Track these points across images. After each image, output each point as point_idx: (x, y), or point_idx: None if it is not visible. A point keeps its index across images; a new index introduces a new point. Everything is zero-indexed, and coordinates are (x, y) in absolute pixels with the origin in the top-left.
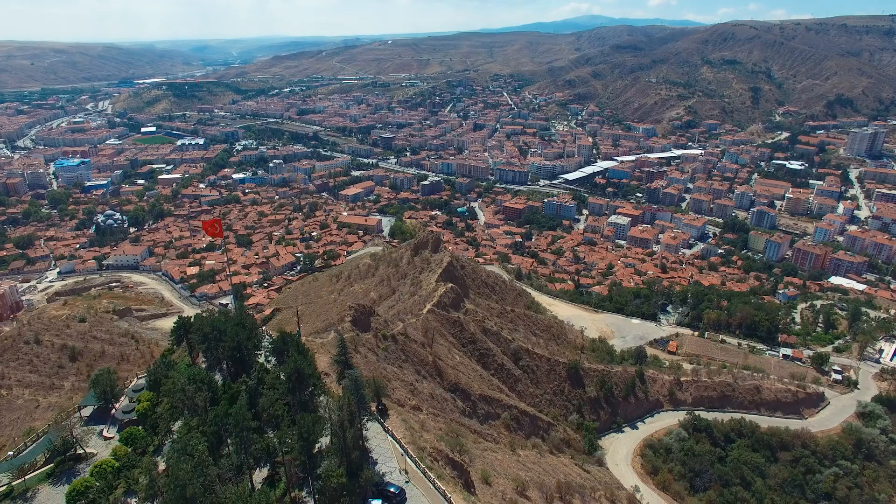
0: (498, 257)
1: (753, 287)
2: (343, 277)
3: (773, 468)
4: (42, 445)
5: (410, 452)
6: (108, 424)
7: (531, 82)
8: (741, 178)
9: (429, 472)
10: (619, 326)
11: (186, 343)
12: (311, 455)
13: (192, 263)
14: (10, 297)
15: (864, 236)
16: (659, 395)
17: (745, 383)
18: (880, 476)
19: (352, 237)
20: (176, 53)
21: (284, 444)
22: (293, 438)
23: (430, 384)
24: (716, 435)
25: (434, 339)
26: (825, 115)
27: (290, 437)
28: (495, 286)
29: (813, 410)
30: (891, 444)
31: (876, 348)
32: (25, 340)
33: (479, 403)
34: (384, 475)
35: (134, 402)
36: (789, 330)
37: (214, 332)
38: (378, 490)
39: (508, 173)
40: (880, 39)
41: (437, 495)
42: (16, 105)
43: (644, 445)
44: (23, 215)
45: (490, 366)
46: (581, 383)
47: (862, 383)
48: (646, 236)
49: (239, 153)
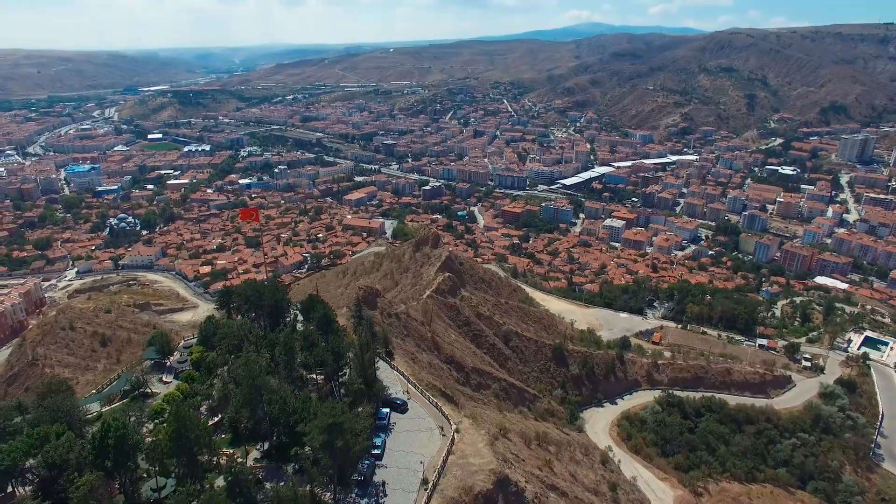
0: (496, 258)
1: (739, 285)
2: (349, 273)
3: (737, 438)
4: (119, 385)
5: (412, 380)
6: (165, 373)
7: (531, 90)
8: (735, 183)
9: (426, 392)
10: (607, 320)
11: (226, 310)
12: (339, 367)
13: (205, 263)
14: (35, 293)
15: (851, 238)
16: (637, 375)
17: (717, 366)
18: (834, 447)
19: (356, 238)
20: (179, 61)
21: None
22: (327, 353)
23: (428, 356)
24: (687, 410)
25: (432, 320)
26: (819, 121)
27: (325, 353)
28: (491, 282)
29: (779, 391)
30: (847, 419)
31: (845, 339)
32: (62, 327)
33: (472, 375)
34: (391, 394)
35: (186, 355)
36: (767, 323)
37: (255, 294)
38: (387, 402)
39: (507, 179)
40: (875, 47)
41: (432, 407)
42: (24, 113)
43: (621, 417)
44: (39, 219)
45: (482, 345)
46: (565, 363)
47: (828, 369)
48: (639, 238)
49: (244, 159)
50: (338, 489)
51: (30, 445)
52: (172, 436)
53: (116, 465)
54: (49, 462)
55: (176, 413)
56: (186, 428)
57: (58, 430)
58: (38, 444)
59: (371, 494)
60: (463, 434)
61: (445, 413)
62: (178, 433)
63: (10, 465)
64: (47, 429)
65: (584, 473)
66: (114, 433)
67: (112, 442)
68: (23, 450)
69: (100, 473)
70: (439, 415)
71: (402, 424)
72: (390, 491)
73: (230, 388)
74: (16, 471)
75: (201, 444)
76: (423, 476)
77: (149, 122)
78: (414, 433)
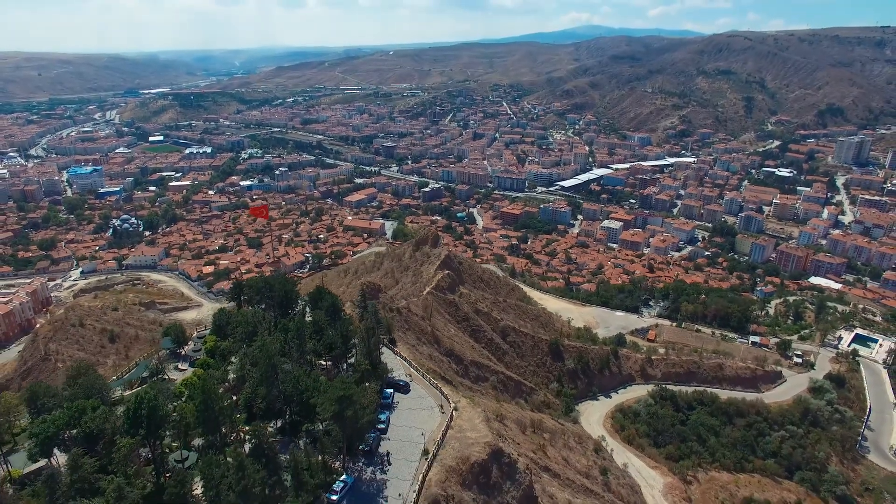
0: (494, 258)
1: (734, 285)
2: (350, 272)
3: (728, 430)
4: (138, 371)
5: (413, 364)
6: (180, 361)
7: (530, 92)
8: (732, 185)
9: (426, 375)
10: (603, 318)
11: (237, 303)
12: (347, 350)
13: (208, 263)
14: (42, 293)
15: (846, 239)
16: (631, 370)
17: (709, 361)
18: (822, 439)
19: (357, 239)
20: (179, 63)
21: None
22: (336, 337)
23: (428, 348)
24: (679, 403)
25: (432, 315)
26: (816, 124)
27: (334, 336)
28: (490, 281)
29: (770, 386)
30: (835, 413)
31: (836, 336)
32: (72, 324)
33: (471, 367)
34: (394, 376)
35: (200, 344)
36: (760, 321)
37: (266, 286)
38: (391, 383)
39: (507, 180)
40: (871, 50)
41: (432, 388)
42: (25, 115)
43: (615, 410)
44: (42, 220)
45: (481, 339)
46: (561, 357)
47: (819, 365)
48: (636, 239)
49: (245, 161)
50: (346, 458)
51: (70, 416)
52: (200, 407)
53: (149, 434)
54: (87, 431)
55: (203, 386)
56: (212, 400)
57: (93, 405)
58: (76, 415)
59: (377, 463)
60: (461, 412)
61: (445, 393)
62: (205, 404)
63: (54, 433)
64: (84, 403)
65: (576, 459)
66: (147, 404)
67: (145, 412)
68: (64, 420)
69: (137, 438)
70: (439, 395)
71: (405, 403)
72: (394, 460)
73: (247, 369)
74: (58, 438)
75: (224, 416)
76: (423, 448)
77: (150, 125)
78: (415, 411)
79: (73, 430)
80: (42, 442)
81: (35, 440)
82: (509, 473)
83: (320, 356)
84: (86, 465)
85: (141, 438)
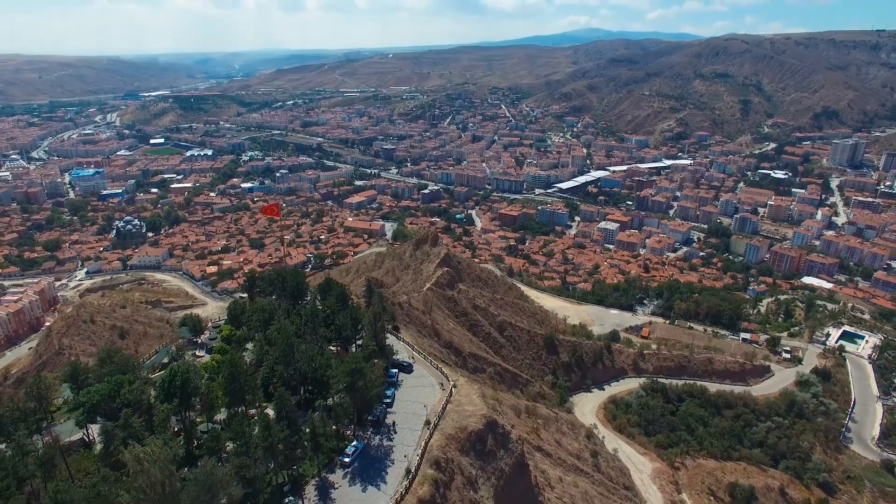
0: (492, 258)
1: (727, 284)
2: (352, 271)
3: (716, 420)
4: (159, 357)
5: (416, 348)
6: (198, 349)
7: (529, 95)
8: (727, 187)
9: (428, 357)
10: (598, 316)
11: (249, 296)
12: (356, 332)
13: (211, 263)
14: (49, 292)
15: (838, 240)
16: (624, 364)
17: (700, 356)
18: (807, 430)
19: (357, 240)
20: (179, 66)
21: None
22: (346, 320)
23: (428, 341)
24: (670, 395)
25: (432, 309)
26: (812, 126)
27: (344, 319)
28: (488, 280)
29: (758, 380)
30: (820, 405)
31: (823, 333)
32: (83, 320)
33: (469, 359)
34: (399, 358)
35: (216, 333)
36: (751, 319)
37: (279, 278)
38: (395, 364)
39: (505, 182)
40: (867, 54)
41: (433, 369)
42: (26, 118)
43: (608, 401)
44: (46, 221)
45: (479, 333)
46: (556, 351)
47: (806, 360)
48: (633, 240)
49: (246, 164)
50: (356, 428)
51: (111, 389)
52: (228, 378)
53: (182, 403)
54: (125, 402)
55: (230, 360)
56: (238, 372)
57: (129, 379)
58: (116, 388)
59: (384, 432)
60: (459, 388)
61: (444, 373)
62: (232, 376)
63: (98, 401)
64: (121, 377)
65: (568, 442)
66: (181, 376)
67: (179, 383)
68: (106, 391)
69: (174, 404)
70: (439, 374)
71: (408, 382)
72: (399, 430)
73: (265, 349)
74: (102, 407)
75: (249, 387)
76: (426, 419)
77: (150, 127)
78: (418, 388)
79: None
80: (89, 410)
81: (82, 409)
82: (503, 442)
83: (330, 342)
84: (135, 423)
85: (174, 407)
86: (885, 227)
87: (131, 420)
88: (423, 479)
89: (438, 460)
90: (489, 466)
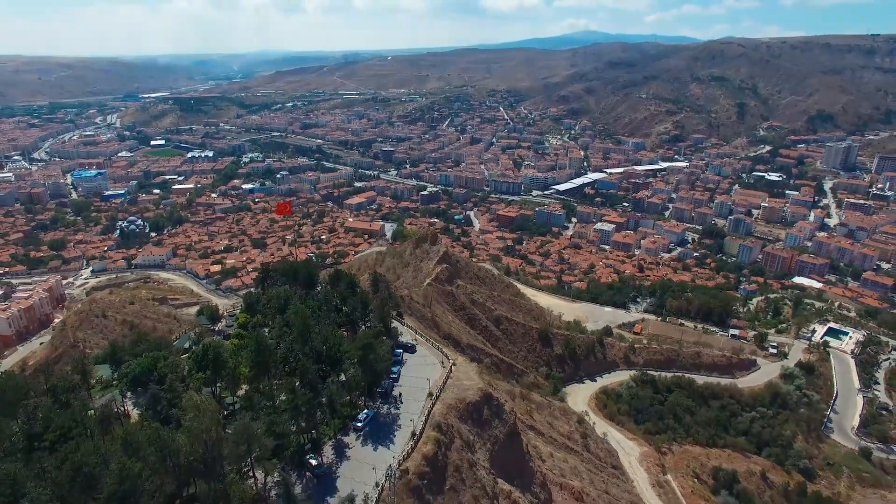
0: (490, 258)
1: (719, 284)
2: (354, 270)
3: (703, 410)
4: (180, 343)
5: (418, 332)
6: (215, 335)
7: (527, 98)
8: (722, 189)
9: (430, 339)
10: (592, 313)
11: (262, 287)
12: (365, 314)
13: (215, 262)
14: (57, 289)
15: (830, 241)
16: (616, 357)
17: (688, 350)
18: (789, 420)
19: (358, 240)
20: (178, 67)
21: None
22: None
23: (429, 332)
24: (659, 386)
25: (432, 303)
26: (806, 129)
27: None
28: (485, 278)
29: (745, 373)
30: (803, 397)
31: (809, 329)
32: (95, 315)
33: (467, 350)
34: (403, 340)
35: (232, 321)
36: (741, 316)
37: (292, 269)
38: (400, 345)
39: (503, 184)
40: (862, 58)
41: (435, 349)
42: (27, 119)
43: (599, 391)
44: (50, 221)
45: (476, 326)
46: (550, 344)
47: (792, 355)
48: (628, 241)
49: (246, 165)
50: (367, 399)
51: (150, 363)
52: (255, 351)
53: (214, 375)
54: (161, 375)
55: (256, 337)
56: (263, 346)
57: (164, 355)
58: (153, 363)
59: (391, 402)
60: (458, 366)
61: (445, 353)
62: (258, 351)
63: (140, 373)
64: (156, 354)
65: (559, 425)
66: (212, 350)
67: (211, 356)
68: (146, 365)
69: (207, 374)
70: (440, 354)
71: (412, 360)
72: (405, 400)
73: (283, 330)
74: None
75: (273, 360)
76: (429, 391)
77: (151, 129)
78: (421, 366)
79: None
80: (131, 381)
81: (126, 379)
82: (497, 413)
83: (340, 326)
84: (179, 387)
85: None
86: (876, 229)
87: (175, 385)
88: (428, 440)
89: (440, 425)
90: (485, 433)
